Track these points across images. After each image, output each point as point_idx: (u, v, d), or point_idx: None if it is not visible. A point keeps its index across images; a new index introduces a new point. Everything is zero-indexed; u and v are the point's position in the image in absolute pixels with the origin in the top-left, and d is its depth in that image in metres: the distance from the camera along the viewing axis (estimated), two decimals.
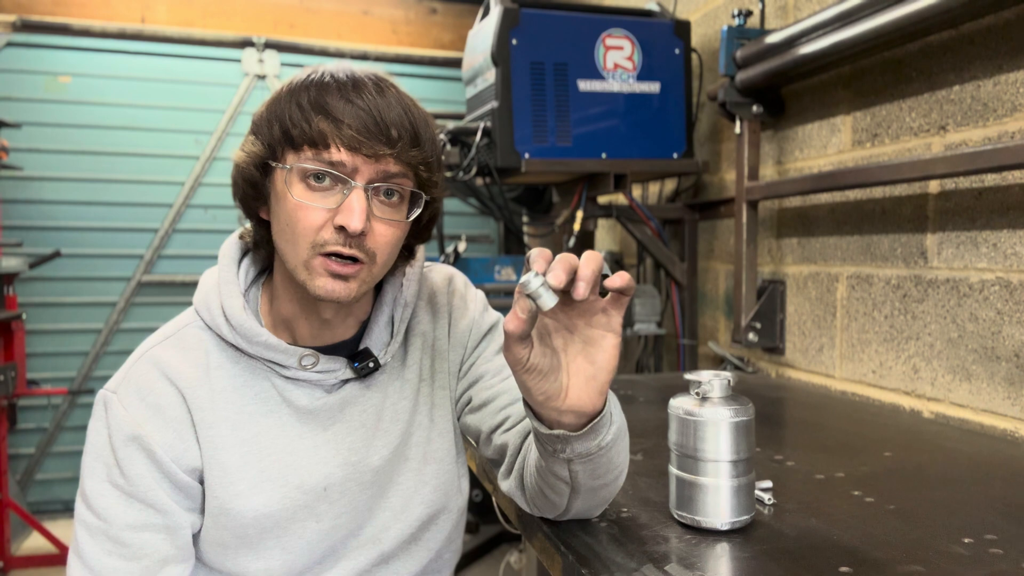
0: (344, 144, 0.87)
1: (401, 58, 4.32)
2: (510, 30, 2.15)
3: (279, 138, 0.90)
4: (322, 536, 0.98)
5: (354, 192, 0.88)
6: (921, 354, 1.67)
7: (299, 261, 0.90)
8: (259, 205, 0.96)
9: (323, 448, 0.98)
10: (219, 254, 1.02)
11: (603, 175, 2.29)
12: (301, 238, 0.89)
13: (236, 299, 0.97)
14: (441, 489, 1.05)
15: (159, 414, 0.93)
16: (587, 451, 0.84)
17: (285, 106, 0.90)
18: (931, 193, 1.64)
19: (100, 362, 3.93)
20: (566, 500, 0.91)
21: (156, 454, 0.91)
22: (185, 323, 1.00)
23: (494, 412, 1.03)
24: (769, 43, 1.92)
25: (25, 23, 3.76)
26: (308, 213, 0.89)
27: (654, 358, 2.77)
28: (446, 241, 2.71)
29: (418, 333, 1.08)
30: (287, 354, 0.96)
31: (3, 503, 3.21)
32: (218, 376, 0.96)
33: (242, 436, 0.95)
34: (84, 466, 0.94)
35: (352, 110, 0.87)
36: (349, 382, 1.01)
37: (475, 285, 1.19)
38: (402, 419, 1.03)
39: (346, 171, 0.88)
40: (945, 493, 1.11)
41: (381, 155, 0.88)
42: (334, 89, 0.89)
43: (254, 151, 0.92)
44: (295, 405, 0.98)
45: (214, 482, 0.94)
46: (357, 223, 0.87)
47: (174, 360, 0.96)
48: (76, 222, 3.87)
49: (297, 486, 0.96)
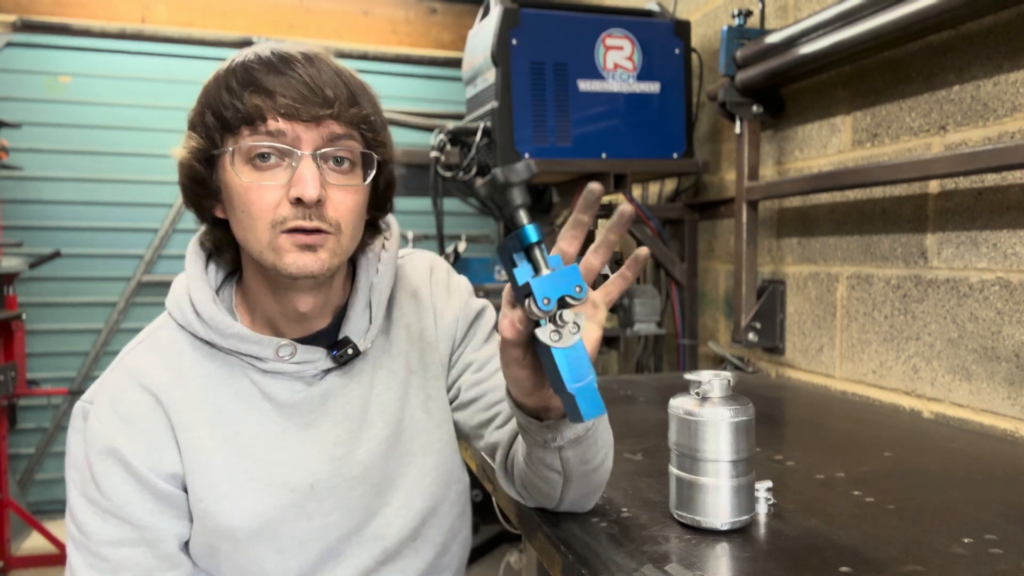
0: (280, 113, 0.85)
1: (401, 58, 4.33)
2: (510, 30, 2.15)
3: (215, 125, 0.87)
4: (315, 535, 0.96)
5: (302, 161, 0.86)
6: (921, 354, 1.67)
7: (263, 245, 0.88)
8: (212, 203, 0.93)
9: (307, 444, 0.96)
10: (185, 258, 1.00)
11: (603, 175, 2.29)
12: (258, 220, 0.87)
13: (205, 292, 0.95)
14: (441, 481, 1.04)
15: (131, 425, 0.91)
16: (576, 435, 0.84)
17: (215, 93, 0.87)
18: (931, 193, 1.64)
19: (100, 362, 3.93)
20: (559, 490, 0.92)
21: (132, 466, 0.90)
22: (158, 326, 0.98)
23: (483, 409, 1.03)
24: (769, 43, 1.92)
25: (25, 23, 3.76)
26: (261, 193, 0.86)
27: (654, 358, 2.77)
28: (446, 241, 2.71)
29: (402, 325, 1.06)
30: (262, 345, 0.93)
31: (3, 503, 3.21)
32: (194, 376, 0.94)
33: (223, 435, 0.93)
34: (67, 479, 0.93)
35: (283, 80, 0.85)
36: (330, 373, 0.99)
37: (475, 286, 1.18)
38: (390, 410, 1.01)
39: (287, 141, 0.86)
40: (945, 493, 1.11)
41: (321, 117, 0.86)
42: (261, 65, 0.87)
43: (193, 146, 0.89)
44: (275, 399, 0.95)
45: (197, 486, 0.92)
46: (312, 191, 0.84)
47: (146, 365, 0.94)
48: (76, 222, 3.87)
49: (283, 484, 0.94)
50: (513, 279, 0.74)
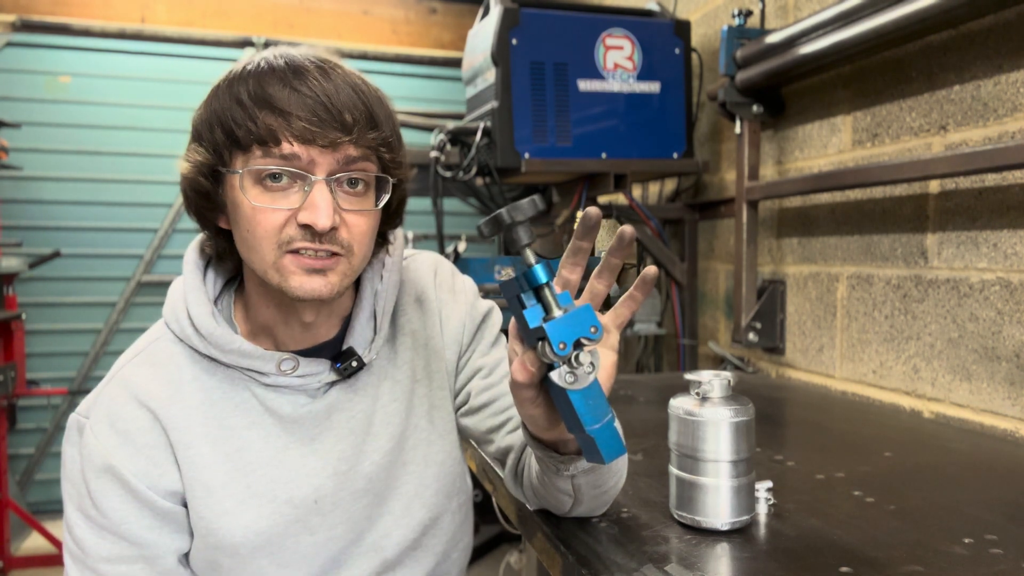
0: (296, 137, 0.80)
1: (401, 58, 4.32)
2: (510, 30, 2.15)
3: (223, 141, 0.83)
4: (318, 548, 0.94)
5: (316, 187, 0.82)
6: (921, 354, 1.67)
7: (267, 265, 0.84)
8: (215, 215, 0.90)
9: (311, 458, 0.93)
10: (183, 263, 0.96)
11: (603, 175, 2.29)
12: (263, 241, 0.83)
13: (204, 307, 0.91)
14: (443, 492, 1.02)
15: (129, 441, 0.88)
16: (590, 465, 0.84)
17: (225, 104, 0.83)
18: (931, 193, 1.64)
19: (100, 362, 3.93)
20: (568, 507, 0.93)
21: (130, 483, 0.87)
22: (155, 337, 0.95)
23: (495, 414, 1.01)
24: (769, 43, 1.92)
25: (25, 23, 3.76)
26: (268, 216, 0.82)
27: (654, 358, 2.77)
28: (446, 241, 2.71)
29: (408, 332, 1.03)
30: (264, 360, 0.90)
31: (3, 503, 3.21)
32: (192, 390, 0.91)
33: (224, 451, 0.91)
34: (62, 491, 0.91)
35: (298, 99, 0.80)
36: (335, 386, 0.96)
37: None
38: (395, 422, 0.99)
39: (302, 165, 0.82)
40: (945, 493, 1.11)
41: (338, 143, 0.82)
42: (274, 78, 0.82)
43: (199, 160, 0.85)
44: (278, 414, 0.92)
45: (198, 503, 0.90)
46: (325, 220, 0.81)
47: (143, 380, 0.90)
48: (76, 222, 3.87)
49: (286, 500, 0.92)
50: (523, 322, 0.70)
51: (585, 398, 0.71)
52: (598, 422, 0.70)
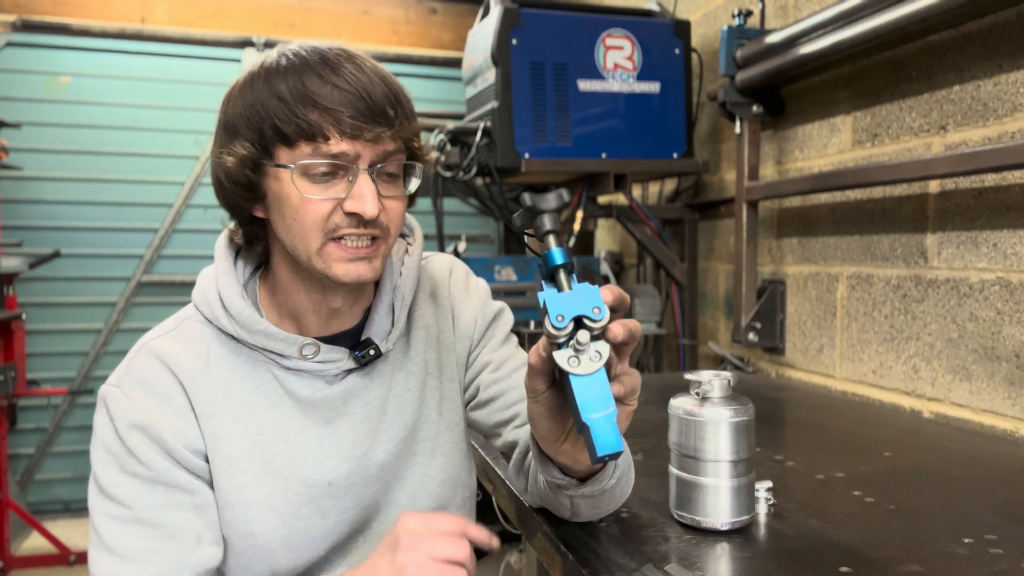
0: (344, 134, 0.85)
1: (401, 58, 4.32)
2: (510, 30, 2.15)
3: (270, 136, 0.87)
4: (327, 532, 0.97)
5: (361, 178, 0.87)
6: (921, 354, 1.67)
7: (312, 252, 0.89)
8: (252, 205, 0.94)
9: (326, 441, 0.97)
10: (215, 251, 1.01)
11: (603, 175, 2.29)
12: (311, 230, 0.88)
13: (234, 288, 0.95)
14: (448, 484, 1.05)
15: (167, 402, 0.91)
16: (590, 493, 0.87)
17: (264, 100, 0.86)
18: (931, 193, 1.64)
19: (100, 362, 3.93)
20: (567, 516, 0.96)
21: (167, 442, 0.90)
22: (185, 317, 0.99)
23: (502, 408, 1.03)
24: (769, 43, 1.92)
25: (25, 23, 3.76)
26: (316, 205, 0.87)
27: (654, 358, 2.77)
28: (446, 241, 2.71)
29: (421, 326, 1.07)
30: (287, 343, 0.94)
31: (3, 503, 3.21)
32: (219, 368, 0.95)
33: (245, 427, 0.94)
34: (96, 461, 0.91)
35: (340, 95, 0.85)
36: (352, 373, 1.00)
37: None
38: (407, 412, 1.02)
39: (348, 159, 0.87)
40: (945, 493, 1.11)
41: (382, 136, 0.87)
42: (312, 73, 0.86)
43: (243, 153, 0.88)
44: (297, 396, 0.97)
45: (218, 474, 0.93)
46: (373, 209, 0.87)
47: (174, 351, 0.94)
48: (76, 222, 3.87)
49: (301, 480, 0.95)
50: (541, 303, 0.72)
51: (587, 387, 0.70)
52: (596, 412, 0.70)
